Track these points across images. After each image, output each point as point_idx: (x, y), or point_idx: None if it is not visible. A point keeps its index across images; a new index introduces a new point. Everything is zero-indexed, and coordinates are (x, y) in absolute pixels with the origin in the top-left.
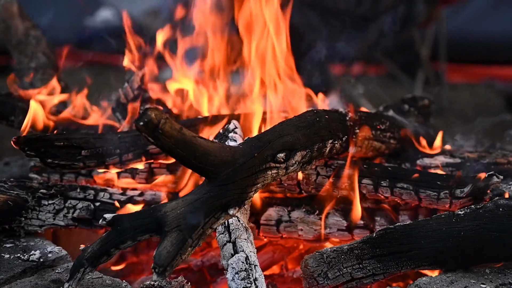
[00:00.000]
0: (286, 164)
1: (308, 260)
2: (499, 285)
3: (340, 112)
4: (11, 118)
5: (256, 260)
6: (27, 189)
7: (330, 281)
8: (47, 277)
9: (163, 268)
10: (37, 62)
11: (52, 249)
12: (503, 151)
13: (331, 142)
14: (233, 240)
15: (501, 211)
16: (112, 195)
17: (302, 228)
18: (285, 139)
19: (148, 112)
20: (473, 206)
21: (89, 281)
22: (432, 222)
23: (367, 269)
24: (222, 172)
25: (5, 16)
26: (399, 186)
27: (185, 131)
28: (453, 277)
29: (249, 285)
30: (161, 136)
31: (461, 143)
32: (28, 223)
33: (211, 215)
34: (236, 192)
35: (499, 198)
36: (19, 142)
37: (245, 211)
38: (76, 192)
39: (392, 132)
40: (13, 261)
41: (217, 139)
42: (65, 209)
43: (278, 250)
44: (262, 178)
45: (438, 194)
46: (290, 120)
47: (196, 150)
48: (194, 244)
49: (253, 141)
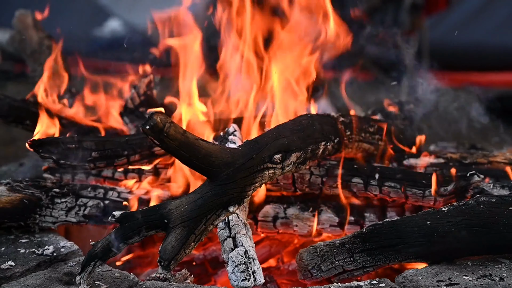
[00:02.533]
0: (282, 164)
1: (302, 254)
2: (480, 276)
3: (332, 116)
4: (26, 122)
5: (254, 254)
6: (41, 188)
7: (323, 273)
8: (60, 270)
9: (168, 262)
10: None
11: (65, 244)
12: (483, 152)
13: (324, 144)
14: (233, 235)
15: (481, 208)
16: (120, 194)
17: (297, 224)
18: (281, 142)
19: (154, 117)
20: (456, 203)
21: (99, 273)
22: (418, 218)
23: (357, 262)
24: (222, 172)
25: (21, 28)
26: (387, 184)
27: (188, 134)
28: (438, 269)
29: (248, 277)
30: (166, 139)
31: (444, 144)
32: (42, 220)
33: (213, 212)
34: (236, 190)
35: (480, 195)
36: (33, 144)
37: (244, 208)
38: (87, 191)
39: (381, 135)
40: (28, 255)
41: (218, 142)
42: (76, 207)
43: (275, 245)
44: (260, 178)
45: (423, 192)
46: (286, 124)
47: (199, 152)
48: (197, 239)
49: (251, 144)
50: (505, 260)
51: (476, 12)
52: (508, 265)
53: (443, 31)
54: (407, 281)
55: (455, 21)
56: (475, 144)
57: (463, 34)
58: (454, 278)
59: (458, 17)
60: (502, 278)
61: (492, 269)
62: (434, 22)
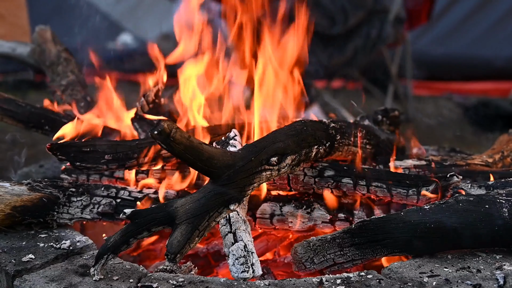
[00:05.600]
0: (278, 166)
1: (297, 248)
2: (459, 268)
3: (324, 122)
4: (46, 127)
5: (253, 248)
6: (59, 188)
7: (316, 266)
8: (75, 262)
9: (174, 255)
10: (67, 80)
11: (80, 239)
12: (462, 155)
13: (316, 148)
14: (233, 231)
15: (460, 206)
16: (131, 193)
17: (292, 221)
18: (278, 145)
19: (162, 123)
20: (437, 202)
21: (112, 266)
22: (402, 215)
23: (347, 255)
24: (224, 174)
25: (40, 41)
26: (374, 184)
27: (193, 139)
28: (420, 262)
29: (247, 269)
30: (172, 143)
31: (426, 148)
32: (60, 217)
33: (215, 210)
34: (236, 190)
35: (459, 194)
36: (52, 148)
37: (244, 206)
38: (101, 190)
39: (368, 139)
40: (47, 249)
41: (220, 145)
42: (91, 205)
43: (272, 239)
44: (258, 179)
45: (407, 191)
46: (281, 129)
47: (202, 155)
48: (201, 234)
49: (250, 147)
50: (482, 254)
51: (456, 26)
52: (485, 258)
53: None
54: (392, 273)
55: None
56: (455, 147)
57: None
58: (435, 270)
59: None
60: (479, 270)
61: (470, 261)
62: (416, 36)
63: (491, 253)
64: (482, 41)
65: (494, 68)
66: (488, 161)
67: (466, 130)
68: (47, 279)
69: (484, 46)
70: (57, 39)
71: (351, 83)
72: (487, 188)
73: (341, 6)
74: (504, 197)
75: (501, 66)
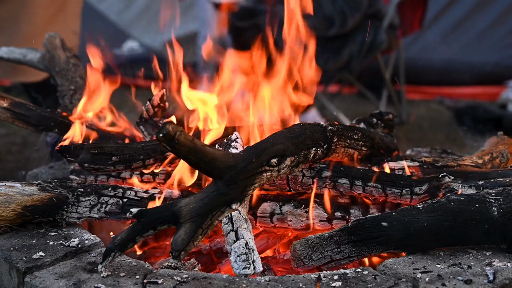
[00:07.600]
0: (278, 167)
1: (296, 245)
2: (451, 265)
3: (322, 125)
4: (55, 130)
5: (254, 245)
6: (68, 188)
7: (314, 262)
8: (84, 260)
9: (178, 253)
10: (76, 85)
11: (88, 237)
12: (453, 156)
13: (314, 150)
14: (235, 229)
15: (452, 205)
16: (137, 193)
17: (291, 219)
18: (277, 147)
19: (166, 126)
20: (429, 201)
21: (118, 263)
22: (396, 214)
23: (344, 252)
24: (226, 174)
25: (50, 48)
26: (369, 185)
27: (196, 141)
28: (414, 259)
29: (248, 265)
30: (176, 145)
31: (418, 149)
32: (69, 216)
33: (218, 209)
34: (238, 190)
35: (450, 194)
36: (61, 149)
37: (245, 206)
38: (108, 191)
39: (364, 141)
40: (56, 247)
41: (222, 147)
42: (98, 204)
43: (272, 237)
44: (259, 179)
45: (401, 191)
46: (281, 132)
47: (205, 157)
48: (204, 232)
49: (251, 149)
50: (473, 251)
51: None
52: (475, 255)
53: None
54: (387, 269)
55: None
56: (446, 149)
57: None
58: (428, 266)
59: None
60: (470, 266)
61: (461, 258)
62: (409, 42)
63: (482, 250)
64: (471, 47)
65: (483, 73)
66: (478, 162)
67: (457, 133)
68: (57, 276)
69: (473, 53)
70: (66, 45)
71: (347, 87)
72: (477, 188)
73: (340, 9)
74: (493, 196)
75: (489, 71)
